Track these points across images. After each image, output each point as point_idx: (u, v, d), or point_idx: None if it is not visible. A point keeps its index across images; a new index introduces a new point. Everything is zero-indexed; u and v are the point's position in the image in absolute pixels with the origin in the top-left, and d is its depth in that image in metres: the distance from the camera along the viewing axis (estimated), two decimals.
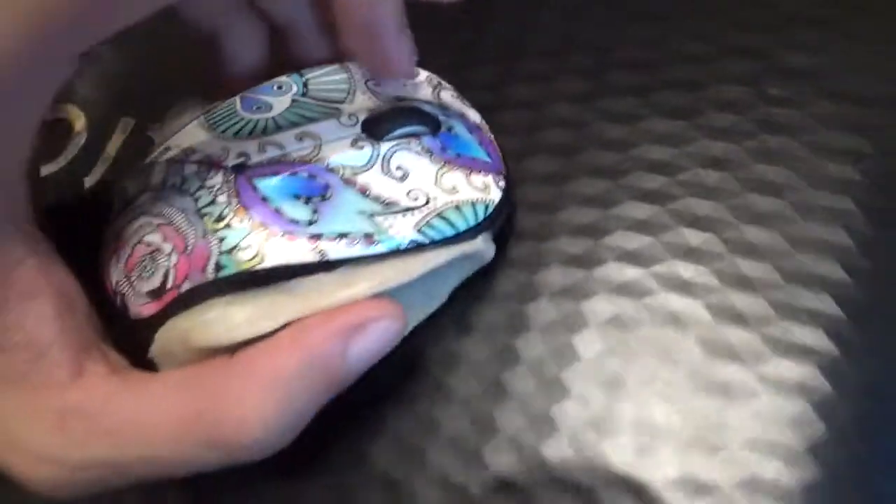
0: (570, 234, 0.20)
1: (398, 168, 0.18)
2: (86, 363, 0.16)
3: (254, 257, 0.16)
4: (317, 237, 0.17)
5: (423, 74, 0.20)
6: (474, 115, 0.20)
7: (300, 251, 0.16)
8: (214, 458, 0.15)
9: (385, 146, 0.18)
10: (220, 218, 0.17)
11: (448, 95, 0.20)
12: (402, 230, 0.17)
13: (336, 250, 0.17)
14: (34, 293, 0.16)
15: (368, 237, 0.17)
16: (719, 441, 0.17)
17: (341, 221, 0.17)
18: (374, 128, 0.18)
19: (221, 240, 0.17)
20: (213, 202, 0.17)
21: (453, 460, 0.18)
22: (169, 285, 0.17)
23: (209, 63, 0.21)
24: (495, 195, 0.19)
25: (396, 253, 0.17)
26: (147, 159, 0.19)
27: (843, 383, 0.17)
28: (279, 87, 0.19)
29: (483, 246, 0.18)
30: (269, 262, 0.16)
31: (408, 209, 0.17)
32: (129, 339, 0.17)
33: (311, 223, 0.17)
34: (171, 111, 0.21)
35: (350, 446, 0.18)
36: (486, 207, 0.18)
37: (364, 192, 0.17)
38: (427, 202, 0.18)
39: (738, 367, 0.17)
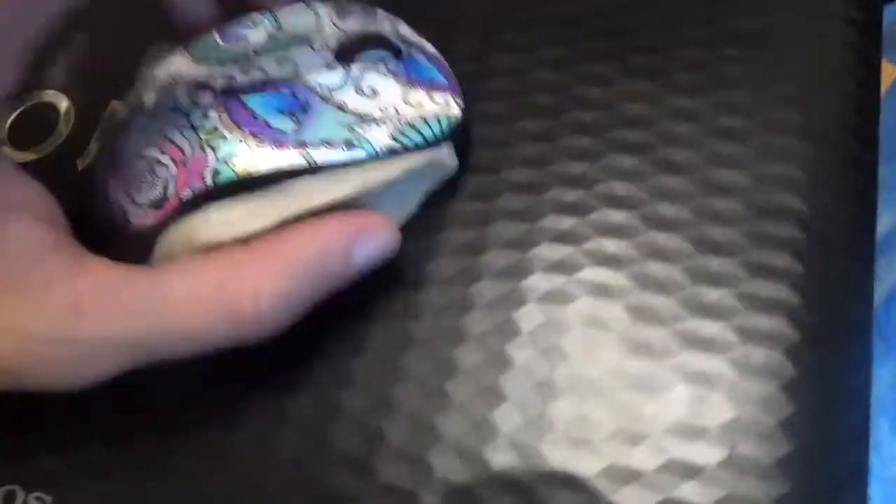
0: (562, 185, 0.22)
1: (368, 87, 0.20)
2: (86, 261, 0.17)
3: (248, 164, 0.18)
4: (303, 145, 0.19)
5: (381, 13, 0.22)
6: (430, 47, 0.23)
7: (289, 157, 0.18)
8: (224, 331, 0.17)
9: (355, 68, 0.20)
10: (213, 130, 0.19)
11: (406, 30, 0.23)
12: (379, 137, 0.19)
13: (321, 155, 0.19)
14: (23, 205, 0.17)
15: (349, 144, 0.19)
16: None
17: (323, 131, 0.19)
18: (345, 53, 0.21)
19: (216, 150, 0.18)
20: (205, 118, 0.19)
21: (417, 399, 0.19)
22: (170, 194, 0.18)
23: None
24: (455, 110, 0.21)
25: (375, 158, 0.19)
26: (136, 86, 0.21)
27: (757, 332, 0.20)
28: (254, 23, 0.21)
29: (448, 155, 0.21)
30: (262, 167, 0.18)
31: (381, 120, 0.20)
32: (130, 250, 0.18)
33: (296, 133, 0.19)
34: (149, 53, 0.22)
35: (335, 364, 0.20)
36: (449, 120, 0.21)
37: (341, 107, 0.20)
38: (397, 115, 0.20)
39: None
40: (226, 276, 0.17)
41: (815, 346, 0.19)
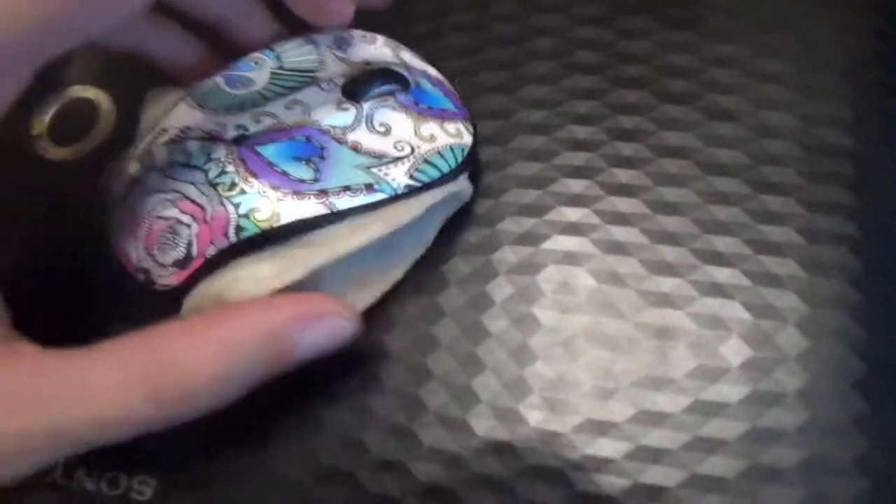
0: (616, 139, 0.22)
1: (381, 124, 0.20)
2: (9, 347, 0.16)
3: (270, 217, 0.18)
4: (323, 192, 0.19)
5: (381, 39, 0.22)
6: (434, 72, 0.22)
7: (310, 207, 0.18)
8: (157, 415, 0.16)
9: (366, 106, 0.20)
10: (232, 185, 0.19)
11: (408, 56, 0.22)
12: (397, 177, 0.19)
13: (342, 202, 0.19)
14: None
15: (369, 187, 0.19)
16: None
17: (342, 176, 0.19)
18: (353, 90, 0.20)
19: (237, 205, 0.18)
20: (222, 172, 0.19)
21: (447, 398, 0.20)
22: (194, 253, 0.18)
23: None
24: (467, 139, 0.21)
25: (395, 198, 0.19)
26: (144, 142, 0.20)
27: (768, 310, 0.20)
28: (256, 63, 0.21)
29: (465, 184, 0.21)
30: (285, 219, 0.18)
31: (397, 159, 0.20)
32: (156, 309, 0.18)
33: (315, 181, 0.19)
34: (148, 96, 0.22)
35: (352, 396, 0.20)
36: (463, 150, 0.21)
37: (356, 148, 0.19)
38: (412, 151, 0.20)
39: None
40: (155, 358, 0.16)
41: (878, 275, 0.20)
